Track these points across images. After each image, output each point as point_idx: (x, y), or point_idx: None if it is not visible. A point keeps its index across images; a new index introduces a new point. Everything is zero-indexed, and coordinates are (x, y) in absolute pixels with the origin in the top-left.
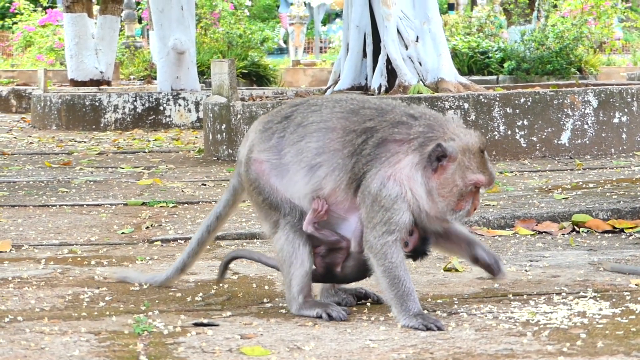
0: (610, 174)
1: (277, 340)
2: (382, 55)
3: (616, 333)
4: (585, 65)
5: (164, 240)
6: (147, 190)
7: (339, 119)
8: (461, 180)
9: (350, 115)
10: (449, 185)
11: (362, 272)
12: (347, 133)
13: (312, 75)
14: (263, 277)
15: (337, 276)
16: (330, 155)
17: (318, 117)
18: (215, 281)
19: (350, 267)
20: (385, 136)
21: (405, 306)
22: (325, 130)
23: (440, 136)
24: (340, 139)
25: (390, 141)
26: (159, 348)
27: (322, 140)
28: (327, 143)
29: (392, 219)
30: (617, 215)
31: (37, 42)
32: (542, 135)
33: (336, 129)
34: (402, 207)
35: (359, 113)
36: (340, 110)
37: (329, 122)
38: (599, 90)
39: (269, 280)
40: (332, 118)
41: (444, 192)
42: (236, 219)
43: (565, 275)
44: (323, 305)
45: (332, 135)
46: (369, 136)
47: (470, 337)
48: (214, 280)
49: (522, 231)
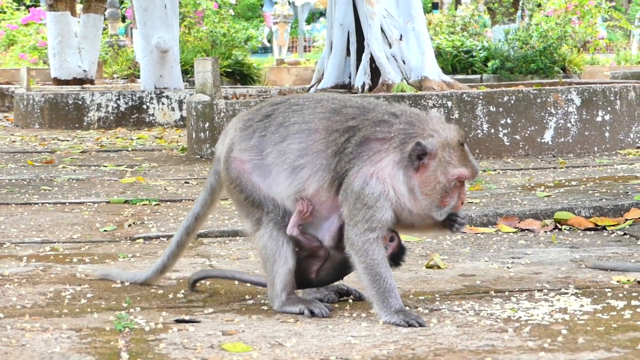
0: (592, 172)
1: (259, 337)
2: (366, 54)
3: (597, 329)
4: (569, 64)
5: (146, 238)
6: (130, 188)
7: (321, 119)
8: (443, 176)
9: (332, 114)
10: (432, 182)
11: (338, 274)
12: (330, 133)
13: (296, 74)
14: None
15: (312, 281)
16: (314, 156)
17: (300, 118)
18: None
19: (326, 270)
20: (368, 135)
21: (386, 303)
22: (308, 131)
23: (420, 133)
24: (323, 139)
25: (373, 140)
26: (140, 344)
27: (304, 142)
28: (309, 145)
29: (374, 216)
30: (599, 213)
31: (20, 40)
32: (525, 133)
33: (318, 130)
34: (385, 205)
35: (341, 112)
36: (322, 110)
37: (311, 124)
38: (582, 88)
39: None
40: (314, 119)
41: (427, 190)
42: (218, 217)
43: (547, 272)
44: (305, 302)
45: (315, 136)
46: (351, 135)
47: (451, 333)
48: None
49: (505, 229)
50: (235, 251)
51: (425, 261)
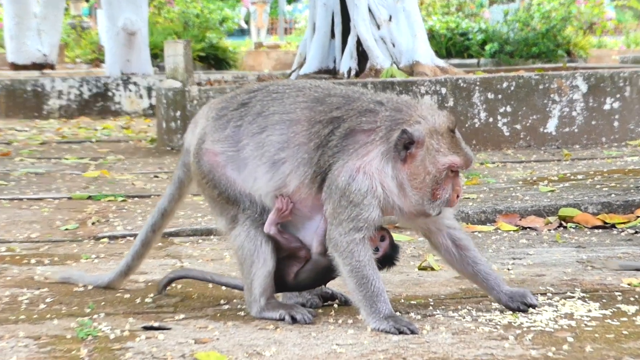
0: (600, 165)
1: (235, 345)
2: (352, 36)
3: (606, 336)
4: (574, 47)
5: (111, 237)
6: (94, 182)
7: (303, 109)
8: (433, 166)
9: (316, 104)
10: (421, 174)
11: (322, 279)
12: (313, 125)
13: (276, 59)
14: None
15: (288, 284)
16: (295, 150)
17: (280, 107)
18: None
19: (306, 273)
20: (353, 126)
21: (374, 308)
22: (289, 122)
23: (407, 120)
24: (306, 131)
25: (358, 131)
26: (104, 354)
27: (285, 134)
28: (291, 137)
29: (360, 215)
30: (607, 209)
31: None
32: (526, 122)
33: (300, 121)
34: (372, 202)
35: (324, 102)
36: (304, 100)
37: (293, 114)
38: (588, 74)
39: None
40: (296, 109)
41: (417, 184)
42: (191, 214)
43: (551, 274)
44: (287, 307)
45: (297, 128)
46: (335, 126)
47: (446, 342)
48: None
49: (505, 226)
50: (209, 251)
51: (418, 262)
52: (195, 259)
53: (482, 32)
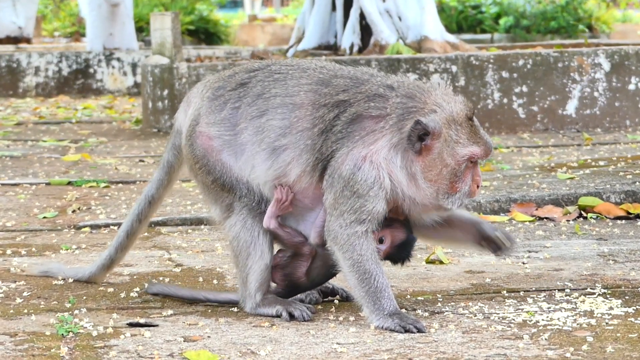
0: (624, 150)
1: (227, 344)
2: (355, 9)
3: (629, 336)
4: (596, 21)
5: (93, 226)
6: (74, 167)
7: (307, 92)
8: (451, 158)
9: (321, 86)
10: (437, 166)
11: (331, 273)
12: (317, 108)
13: (272, 33)
14: (211, 270)
15: (302, 285)
16: (298, 136)
17: (282, 90)
18: (153, 274)
19: (317, 270)
20: (360, 111)
21: (378, 305)
22: (292, 106)
23: (420, 108)
24: (309, 116)
25: (366, 117)
26: (86, 352)
27: (287, 119)
28: (293, 122)
29: (364, 207)
30: (632, 199)
31: None
32: (544, 104)
33: (304, 105)
34: (379, 194)
35: (330, 84)
36: (309, 82)
37: (296, 97)
38: (611, 51)
39: (218, 274)
40: (300, 92)
41: (432, 176)
42: (179, 202)
43: (569, 268)
44: (284, 303)
45: (300, 112)
46: (341, 111)
47: (456, 341)
48: (152, 272)
49: (520, 217)
50: (199, 242)
51: (426, 255)
52: (185, 250)
53: (497, 4)
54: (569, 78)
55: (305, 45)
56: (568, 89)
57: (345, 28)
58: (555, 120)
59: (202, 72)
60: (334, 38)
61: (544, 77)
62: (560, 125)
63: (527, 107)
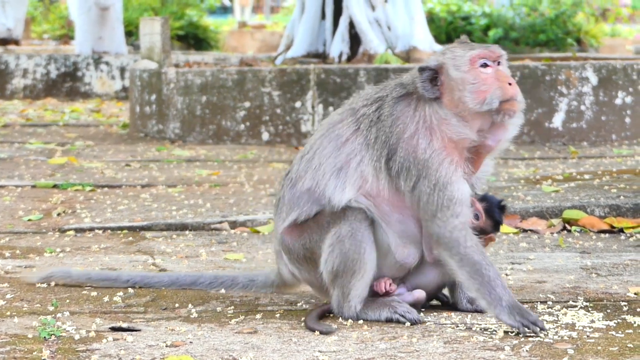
0: (609, 164)
1: (209, 349)
2: (344, 17)
3: (610, 349)
4: (584, 35)
5: (78, 230)
6: (60, 170)
7: (341, 113)
8: (461, 73)
9: (351, 109)
10: (459, 91)
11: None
12: (356, 112)
13: (261, 40)
14: None
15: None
16: (352, 141)
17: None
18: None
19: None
20: (395, 96)
21: (494, 294)
22: (332, 127)
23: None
24: (352, 122)
25: (402, 99)
26: (68, 355)
27: (333, 140)
28: (340, 136)
29: (452, 196)
30: (616, 213)
31: None
32: (531, 116)
33: (343, 119)
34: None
35: (356, 102)
36: (339, 112)
37: (334, 122)
38: (599, 65)
39: None
40: (334, 118)
41: (459, 102)
42: (165, 206)
43: (552, 281)
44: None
45: (341, 125)
46: (380, 104)
47: (437, 351)
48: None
49: (504, 229)
50: (183, 248)
51: None
52: (169, 255)
53: (486, 16)
54: (556, 91)
55: (294, 53)
56: (555, 102)
57: (334, 36)
58: (541, 133)
59: (190, 78)
60: (323, 46)
61: (532, 90)
62: (546, 138)
63: None
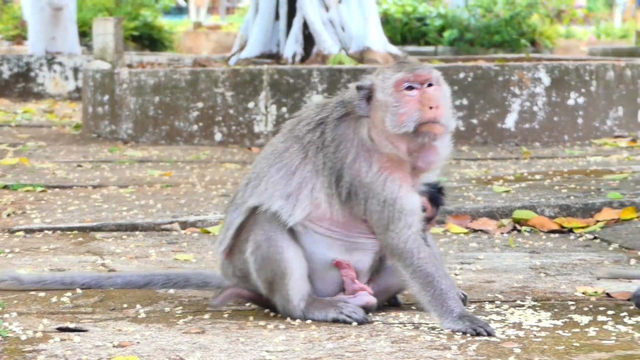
0: (561, 165)
1: (157, 350)
2: (298, 18)
3: (556, 348)
4: (539, 36)
5: (27, 230)
6: (11, 171)
7: (284, 141)
8: (386, 95)
9: (292, 131)
10: (384, 111)
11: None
12: (301, 139)
13: (216, 40)
14: None
15: None
16: (301, 169)
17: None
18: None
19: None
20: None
21: (446, 307)
22: (278, 155)
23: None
24: (299, 150)
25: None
26: (14, 356)
27: (283, 167)
28: (289, 164)
29: (402, 208)
30: (566, 213)
31: None
32: (483, 117)
33: (288, 148)
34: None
35: (298, 124)
36: (282, 139)
37: (279, 149)
38: (552, 66)
39: None
40: (279, 144)
41: (383, 122)
42: (116, 207)
43: (501, 280)
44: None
45: (289, 153)
46: (323, 128)
47: (385, 350)
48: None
49: (454, 229)
50: (133, 248)
51: None
52: (118, 256)
53: (441, 17)
54: (509, 92)
55: (247, 54)
56: (508, 102)
57: (288, 37)
58: (494, 134)
59: (143, 78)
60: (277, 47)
61: (485, 91)
62: (499, 139)
63: (467, 120)
